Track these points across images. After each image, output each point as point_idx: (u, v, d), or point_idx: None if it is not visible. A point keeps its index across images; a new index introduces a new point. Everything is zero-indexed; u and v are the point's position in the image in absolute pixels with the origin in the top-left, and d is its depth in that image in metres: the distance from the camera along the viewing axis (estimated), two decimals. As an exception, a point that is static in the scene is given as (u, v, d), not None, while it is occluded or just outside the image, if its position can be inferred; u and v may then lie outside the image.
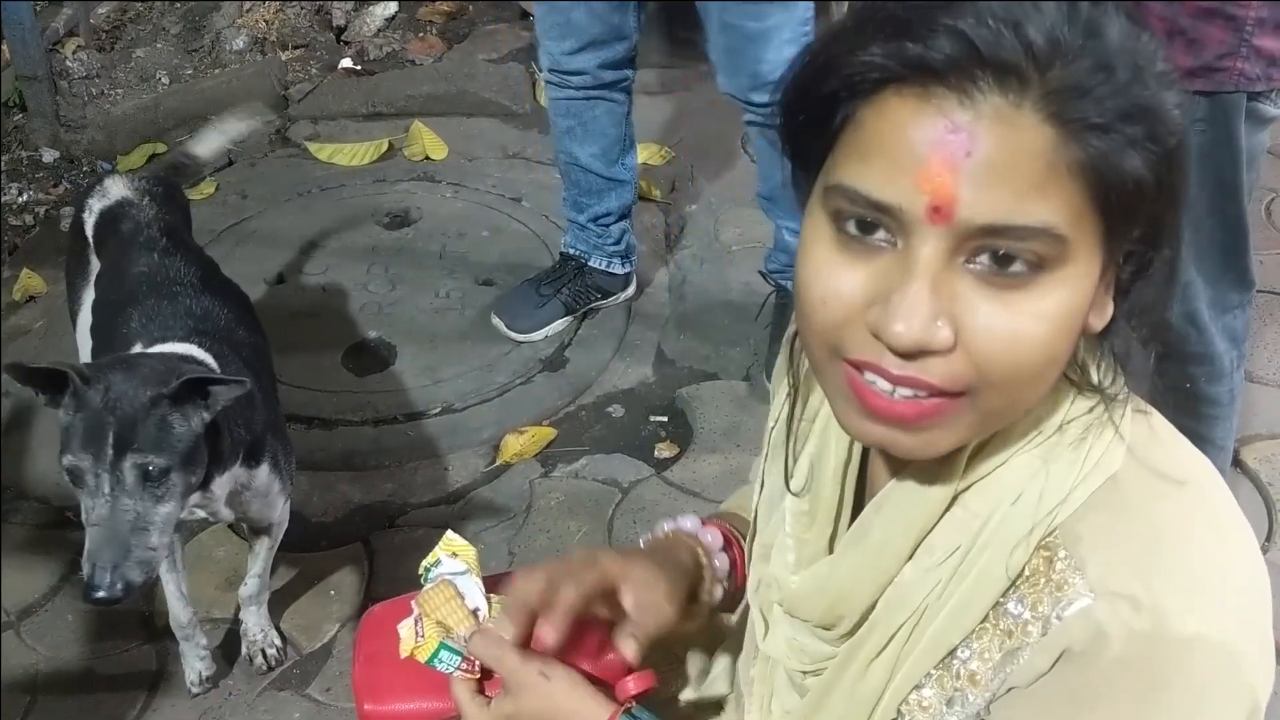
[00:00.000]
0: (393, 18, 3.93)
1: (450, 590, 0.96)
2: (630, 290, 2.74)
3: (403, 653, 0.96)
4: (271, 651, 1.95)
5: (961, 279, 0.66)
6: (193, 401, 1.47)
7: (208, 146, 2.37)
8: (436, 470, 2.34)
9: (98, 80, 3.48)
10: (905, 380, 0.68)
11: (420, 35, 3.87)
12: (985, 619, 0.75)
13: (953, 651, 0.76)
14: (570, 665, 0.93)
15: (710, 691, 1.12)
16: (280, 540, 1.90)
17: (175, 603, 1.85)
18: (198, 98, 3.44)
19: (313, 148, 3.29)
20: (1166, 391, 0.79)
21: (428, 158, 3.27)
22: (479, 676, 0.95)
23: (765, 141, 2.35)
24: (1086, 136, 0.64)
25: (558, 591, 0.90)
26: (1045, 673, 0.72)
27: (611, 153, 2.53)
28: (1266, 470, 2.30)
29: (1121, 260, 0.71)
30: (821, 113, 0.69)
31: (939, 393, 0.68)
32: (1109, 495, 0.74)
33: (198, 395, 1.47)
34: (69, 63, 3.47)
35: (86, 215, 2.01)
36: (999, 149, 0.64)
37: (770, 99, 0.80)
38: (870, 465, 0.85)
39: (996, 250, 0.65)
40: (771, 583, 0.91)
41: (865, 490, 0.86)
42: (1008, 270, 0.66)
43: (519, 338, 2.62)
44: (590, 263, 2.65)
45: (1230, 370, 1.80)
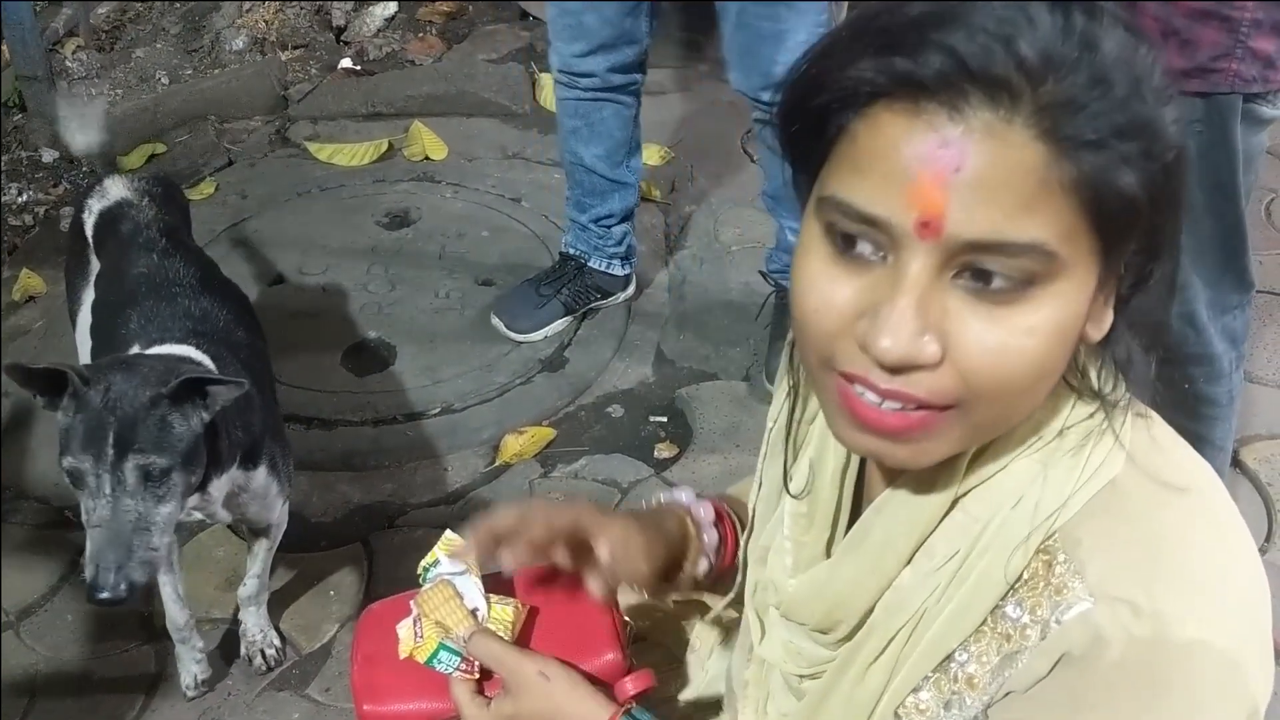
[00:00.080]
0: (392, 18, 3.93)
1: (449, 590, 0.96)
2: (630, 290, 2.74)
3: (402, 653, 0.96)
4: (271, 652, 1.95)
5: (950, 294, 0.66)
6: (191, 401, 1.47)
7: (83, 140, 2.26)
8: (436, 470, 2.34)
9: (97, 80, 3.48)
10: (892, 394, 0.68)
11: (420, 35, 3.87)
12: (984, 622, 0.75)
13: (950, 655, 0.76)
14: (570, 665, 0.93)
15: (709, 691, 1.12)
16: (279, 541, 1.90)
17: (172, 605, 1.85)
18: (197, 98, 3.43)
19: (312, 148, 3.29)
20: (1165, 392, 0.79)
21: (427, 158, 3.27)
22: (478, 677, 0.95)
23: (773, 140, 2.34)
24: (1079, 153, 0.63)
25: (527, 526, 0.93)
26: (1044, 677, 0.72)
27: (617, 155, 2.53)
28: (1266, 471, 2.30)
29: (1121, 271, 0.70)
30: (816, 124, 0.69)
31: (926, 406, 0.68)
32: (1109, 500, 0.74)
33: (196, 395, 1.47)
34: (69, 63, 3.47)
35: (86, 216, 2.01)
36: (989, 165, 0.63)
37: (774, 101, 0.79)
38: (869, 468, 0.85)
39: (985, 266, 0.65)
40: (769, 586, 0.91)
41: (864, 493, 0.86)
42: (997, 286, 0.65)
43: (519, 338, 2.62)
44: (590, 263, 2.65)
45: (1229, 371, 1.79)
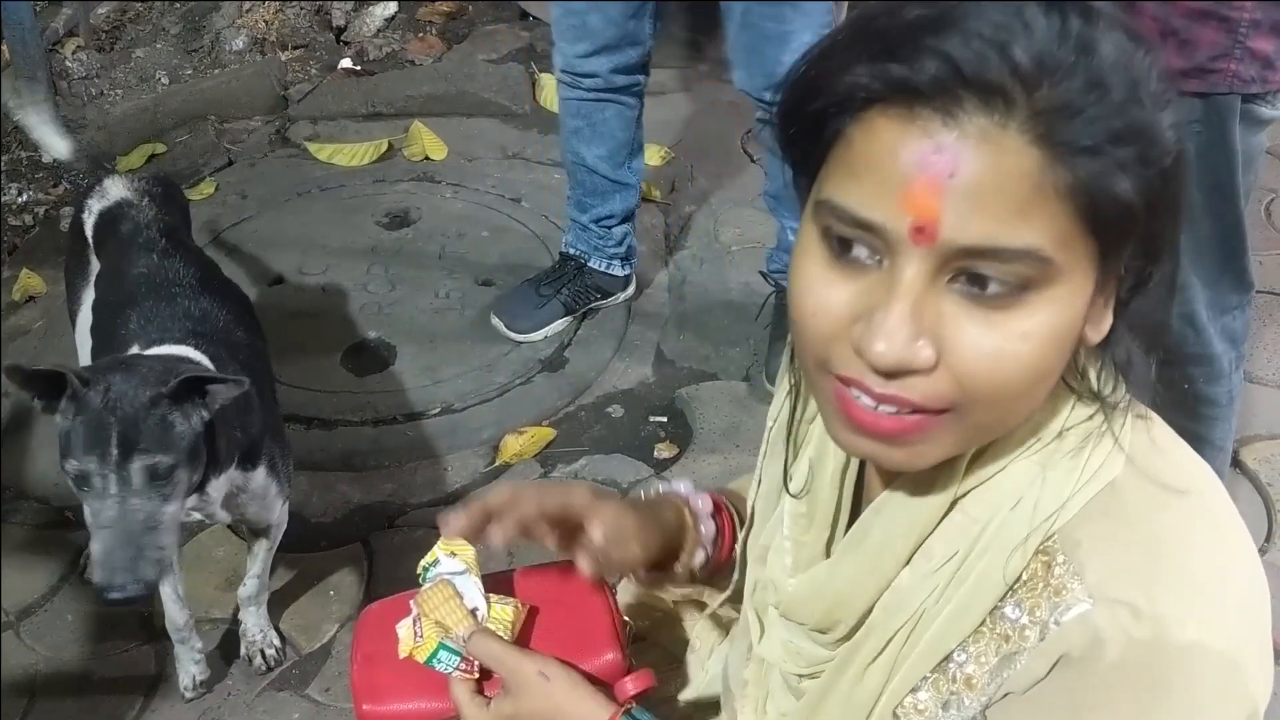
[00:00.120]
0: (392, 18, 3.93)
1: (449, 590, 0.96)
2: (630, 290, 2.74)
3: (401, 653, 0.96)
4: (270, 652, 1.95)
5: (945, 298, 0.66)
6: (191, 400, 1.47)
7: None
8: (436, 470, 2.33)
9: (97, 80, 3.48)
10: (887, 398, 0.68)
11: (420, 35, 3.87)
12: (982, 623, 0.75)
13: (949, 655, 0.76)
14: (570, 665, 0.93)
15: (709, 691, 1.11)
16: (279, 541, 1.90)
17: (171, 605, 1.84)
18: (197, 98, 3.44)
19: (312, 148, 3.29)
20: (1165, 393, 0.79)
21: (427, 158, 3.27)
22: (478, 676, 0.95)
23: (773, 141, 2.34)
24: (1074, 159, 0.63)
25: (519, 503, 0.95)
26: (1042, 678, 0.72)
27: (618, 155, 2.53)
28: (1266, 471, 2.30)
29: (1121, 273, 0.70)
30: (813, 127, 0.69)
31: (922, 410, 0.68)
32: (1108, 502, 0.73)
33: (196, 394, 1.47)
34: (69, 63, 3.47)
35: (86, 216, 2.01)
36: (983, 171, 0.63)
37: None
38: (869, 469, 0.85)
39: (981, 271, 0.65)
40: (768, 585, 0.91)
41: (864, 494, 0.86)
42: (992, 291, 0.65)
43: (518, 338, 2.62)
44: (590, 263, 2.65)
45: (1229, 371, 1.79)
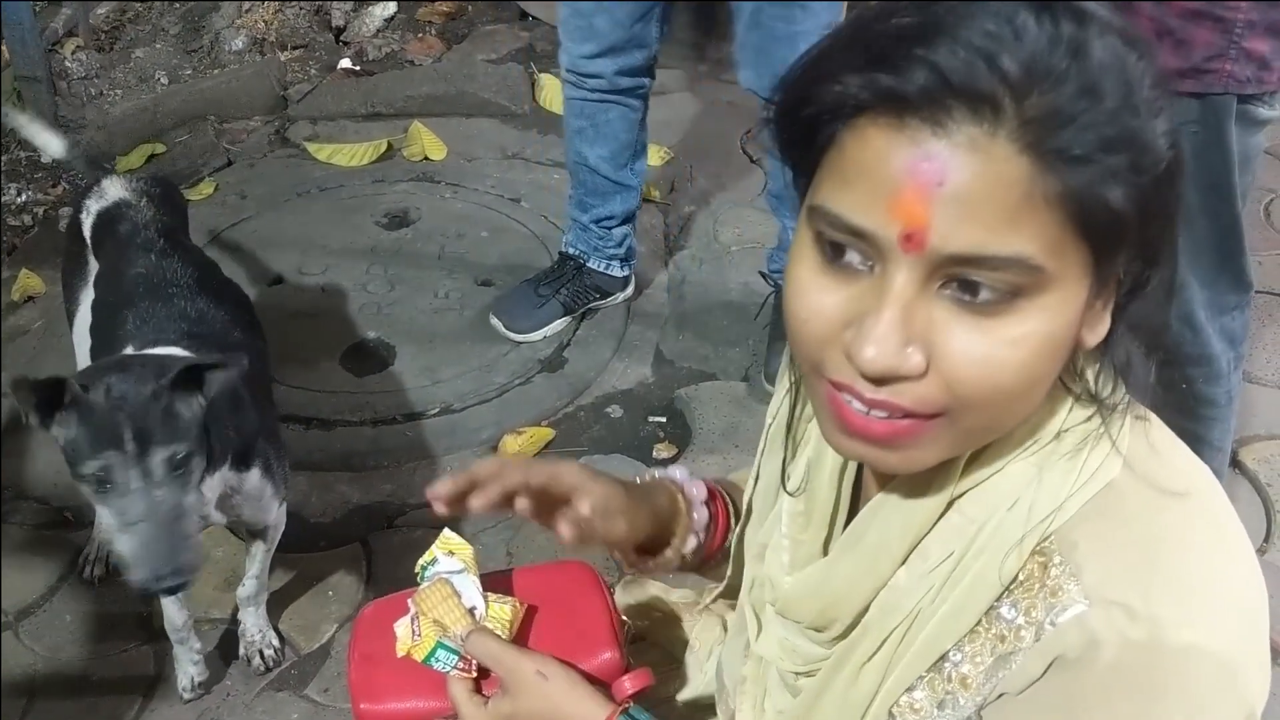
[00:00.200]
0: (392, 18, 3.93)
1: (447, 589, 0.96)
2: (629, 291, 2.74)
3: (399, 651, 0.96)
4: (269, 652, 1.95)
5: (936, 305, 0.66)
6: (188, 389, 1.48)
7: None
8: (435, 471, 2.33)
9: (97, 80, 3.48)
10: (877, 404, 0.68)
11: (419, 36, 3.87)
12: (978, 623, 0.75)
13: (945, 655, 0.76)
14: (568, 664, 0.93)
15: (708, 692, 1.11)
16: (278, 542, 1.90)
17: (170, 605, 1.84)
18: (197, 98, 3.44)
19: (312, 148, 3.29)
20: (1164, 393, 0.79)
21: (427, 158, 3.27)
22: (476, 675, 0.95)
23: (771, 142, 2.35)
24: (1065, 167, 0.63)
25: (505, 474, 0.94)
26: (1037, 679, 0.72)
27: (621, 157, 2.53)
28: (1265, 471, 2.30)
29: (1120, 276, 0.70)
30: (807, 132, 0.70)
31: (913, 415, 0.68)
32: (1106, 503, 0.73)
33: (193, 383, 1.48)
34: (68, 63, 3.47)
35: (84, 216, 2.01)
36: (973, 179, 0.63)
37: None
38: (866, 469, 0.85)
39: (971, 278, 0.65)
40: (765, 583, 0.91)
41: (861, 493, 0.86)
42: (983, 298, 0.65)
43: (518, 338, 2.62)
44: (589, 264, 2.65)
45: (1228, 371, 1.79)
